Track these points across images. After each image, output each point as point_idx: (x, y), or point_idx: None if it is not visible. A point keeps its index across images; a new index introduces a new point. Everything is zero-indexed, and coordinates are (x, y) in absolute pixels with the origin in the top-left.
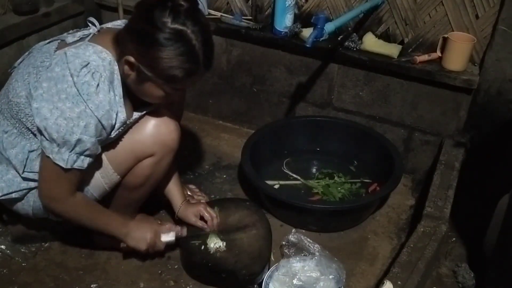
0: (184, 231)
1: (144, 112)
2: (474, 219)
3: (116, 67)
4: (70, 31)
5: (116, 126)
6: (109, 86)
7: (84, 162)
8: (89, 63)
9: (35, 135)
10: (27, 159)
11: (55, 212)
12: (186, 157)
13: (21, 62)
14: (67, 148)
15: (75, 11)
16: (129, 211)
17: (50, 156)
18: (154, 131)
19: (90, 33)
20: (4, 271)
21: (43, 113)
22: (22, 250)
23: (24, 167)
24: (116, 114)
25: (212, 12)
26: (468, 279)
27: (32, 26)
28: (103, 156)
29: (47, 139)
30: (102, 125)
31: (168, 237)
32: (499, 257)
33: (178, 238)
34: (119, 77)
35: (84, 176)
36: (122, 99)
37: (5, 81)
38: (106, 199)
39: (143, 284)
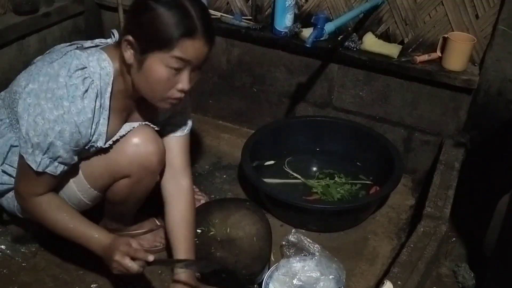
0: (150, 257)
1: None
2: (474, 219)
3: (112, 79)
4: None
5: (93, 138)
6: (97, 94)
7: (57, 169)
8: (86, 67)
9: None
10: (8, 152)
11: (24, 209)
12: None
13: (39, 59)
14: (40, 150)
15: (75, 11)
16: (123, 221)
17: (24, 156)
18: (131, 152)
19: (107, 43)
20: (4, 271)
21: (28, 108)
22: (22, 250)
23: (4, 160)
24: (96, 124)
25: (212, 12)
26: (468, 279)
27: (32, 26)
28: (79, 169)
29: (23, 137)
30: (80, 132)
31: (134, 264)
32: (499, 257)
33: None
34: (110, 89)
35: (63, 189)
36: (107, 112)
37: (5, 81)
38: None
39: (143, 284)
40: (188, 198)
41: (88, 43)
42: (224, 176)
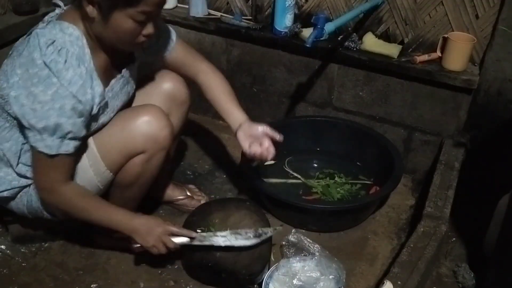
0: (193, 233)
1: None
2: (474, 219)
3: (85, 41)
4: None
5: (96, 101)
6: (77, 60)
7: (69, 146)
8: (55, 40)
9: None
10: (20, 150)
11: (50, 203)
12: (186, 157)
13: (8, 59)
14: (48, 133)
15: None
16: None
17: (34, 145)
18: (145, 128)
19: (56, 14)
20: (4, 271)
21: (20, 100)
22: (22, 250)
23: (19, 159)
24: (91, 88)
25: (212, 12)
26: (468, 279)
27: (32, 26)
28: (96, 153)
29: (27, 128)
30: (79, 101)
31: (179, 239)
32: (499, 257)
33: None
34: (89, 50)
35: (80, 175)
36: (95, 72)
37: None
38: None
39: (143, 284)
40: (212, 76)
41: (41, 24)
42: (224, 176)
